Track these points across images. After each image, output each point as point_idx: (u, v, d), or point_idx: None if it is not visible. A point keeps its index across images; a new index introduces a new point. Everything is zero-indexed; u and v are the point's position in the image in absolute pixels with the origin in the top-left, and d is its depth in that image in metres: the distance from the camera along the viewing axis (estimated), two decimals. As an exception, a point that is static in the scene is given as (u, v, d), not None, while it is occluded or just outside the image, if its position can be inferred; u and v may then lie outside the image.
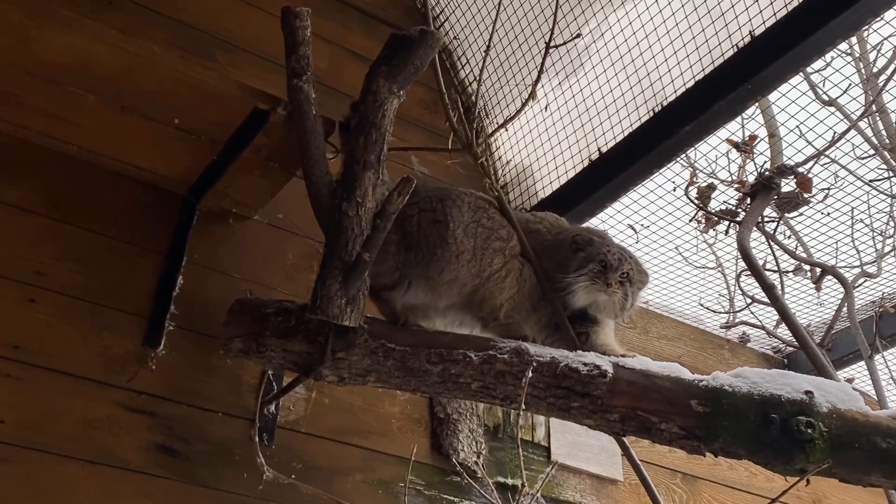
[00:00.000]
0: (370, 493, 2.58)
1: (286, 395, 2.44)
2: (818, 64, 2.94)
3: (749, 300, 3.14)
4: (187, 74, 2.19)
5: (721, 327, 3.72)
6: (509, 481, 2.81)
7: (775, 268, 3.01)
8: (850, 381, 3.96)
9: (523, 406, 2.05)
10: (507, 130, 3.20)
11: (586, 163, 2.98)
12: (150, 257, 2.53)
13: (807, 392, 2.00)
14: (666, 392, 2.07)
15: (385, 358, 2.17)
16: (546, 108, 3.06)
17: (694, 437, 2.04)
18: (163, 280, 2.51)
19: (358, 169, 2.14)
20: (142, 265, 2.51)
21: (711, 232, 3.09)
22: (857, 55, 3.11)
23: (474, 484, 2.53)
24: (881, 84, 2.90)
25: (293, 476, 2.42)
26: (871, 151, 3.09)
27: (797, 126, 2.83)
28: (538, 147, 3.20)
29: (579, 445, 3.06)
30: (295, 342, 2.17)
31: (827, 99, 3.05)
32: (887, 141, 3.09)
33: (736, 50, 2.44)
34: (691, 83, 2.58)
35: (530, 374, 2.04)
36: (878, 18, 2.46)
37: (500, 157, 3.34)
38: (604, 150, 2.90)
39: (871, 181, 2.98)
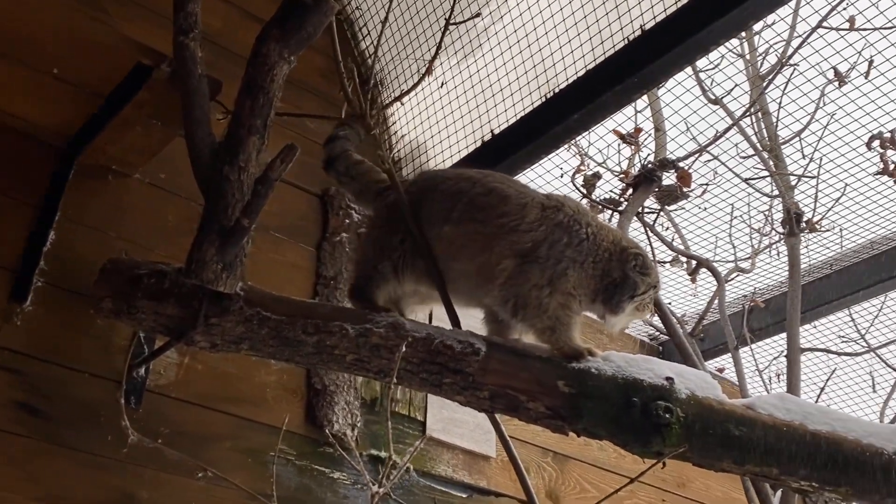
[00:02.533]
0: (239, 461, 2.57)
1: (157, 358, 2.39)
2: (708, 62, 3.05)
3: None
4: (67, 22, 2.11)
5: (600, 314, 3.81)
6: (383, 454, 2.84)
7: (653, 258, 3.11)
8: (720, 370, 4.13)
9: (395, 380, 2.06)
10: (403, 105, 3.19)
11: (479, 143, 3.00)
12: (21, 209, 2.43)
13: (668, 378, 2.07)
14: (536, 372, 2.11)
15: (260, 326, 2.14)
16: (442, 85, 3.07)
17: (559, 416, 2.09)
18: (34, 234, 2.42)
19: (243, 133, 2.10)
20: (12, 217, 2.41)
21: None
22: (746, 57, 3.22)
23: (346, 455, 2.54)
24: (764, 86, 3.01)
25: (160, 441, 2.38)
26: (752, 151, 3.22)
27: (681, 121, 2.90)
28: (434, 124, 3.20)
29: (455, 421, 3.10)
30: (167, 305, 2.12)
31: (713, 98, 3.16)
32: (767, 142, 3.21)
33: (626, 42, 2.49)
34: (583, 72, 2.63)
35: (404, 349, 2.05)
36: (762, 21, 2.54)
37: (396, 132, 3.33)
38: (497, 131, 2.93)
39: (747, 179, 3.10)
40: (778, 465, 2.00)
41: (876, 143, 2.96)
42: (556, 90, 2.73)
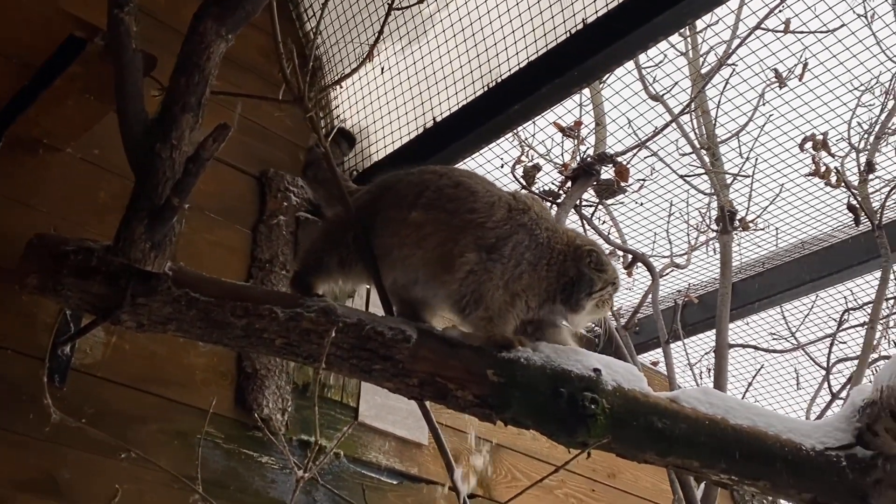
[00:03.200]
0: (166, 443, 2.53)
1: (83, 337, 2.34)
2: (649, 59, 3.08)
3: (565, 280, 3.25)
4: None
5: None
6: (313, 439, 2.82)
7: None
8: (654, 363, 4.19)
9: (324, 365, 2.05)
10: (345, 89, 3.17)
11: (421, 130, 3.00)
12: (-55, 181, 2.37)
13: (595, 370, 2.08)
14: (466, 361, 2.12)
15: (188, 308, 2.11)
16: (384, 71, 3.06)
17: (487, 405, 2.09)
18: (-42, 206, 2.36)
19: (176, 110, 2.07)
20: (-66, 188, 2.35)
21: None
22: (689, 55, 3.27)
23: (275, 440, 2.52)
24: (703, 84, 3.05)
25: (84, 420, 2.34)
26: (690, 149, 3.27)
27: (621, 116, 2.93)
28: (376, 110, 3.19)
29: (388, 408, 3.10)
30: (93, 283, 2.08)
31: (654, 94, 3.20)
32: (705, 140, 3.27)
33: (568, 35, 2.50)
34: (525, 63, 2.64)
35: (334, 334, 2.04)
36: (702, 20, 2.57)
37: (338, 116, 3.31)
38: (439, 119, 2.93)
39: (684, 176, 3.15)
40: (699, 458, 2.03)
41: (808, 144, 3.02)
42: (499, 80, 2.73)
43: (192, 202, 2.03)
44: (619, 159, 2.88)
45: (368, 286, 2.30)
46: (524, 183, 2.90)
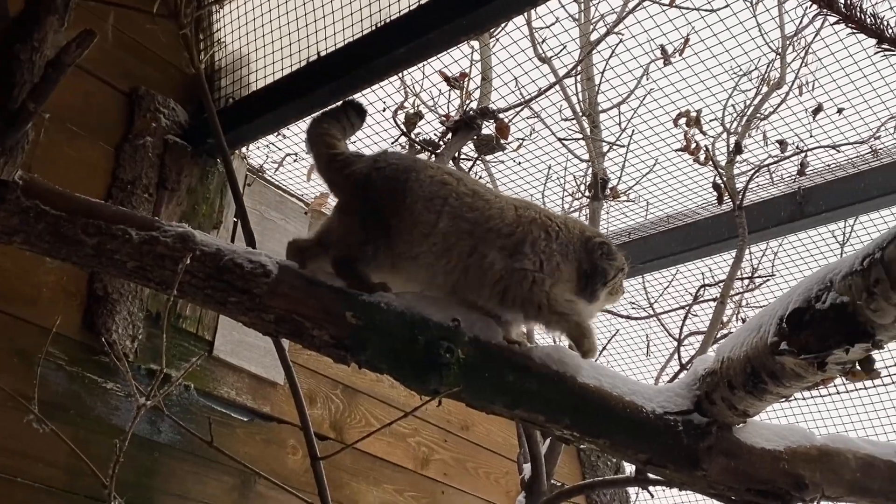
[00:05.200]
0: (5, 361, 2.42)
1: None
2: (539, 15, 3.08)
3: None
4: None
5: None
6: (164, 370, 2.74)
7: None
8: (518, 323, 4.25)
9: (176, 292, 1.98)
10: (227, 11, 3.04)
11: (303, 63, 2.91)
12: None
13: (454, 320, 2.09)
14: (325, 300, 2.08)
15: (37, 220, 2.00)
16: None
17: (343, 346, 2.07)
18: None
19: (40, 11, 1.95)
20: None
21: (413, 159, 3.15)
22: (580, 21, 3.28)
23: (120, 365, 2.43)
24: (590, 50, 3.08)
25: (-89, 331, 2.20)
26: (572, 115, 3.30)
27: (506, 72, 2.93)
28: (259, 37, 3.08)
29: (245, 345, 3.04)
30: (-66, 187, 1.95)
31: (542, 55, 3.20)
32: (587, 106, 3.30)
33: (460, -17, 2.46)
34: (416, 5, 2.59)
35: (188, 261, 1.97)
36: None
37: (219, 40, 3.18)
38: (323, 54, 2.85)
39: (562, 139, 3.18)
40: (545, 412, 2.06)
41: (682, 120, 3.10)
42: (388, 20, 2.67)
43: (53, 113, 1.91)
44: (502, 116, 2.87)
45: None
46: (404, 129, 2.86)
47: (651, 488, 2.35)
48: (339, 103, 2.20)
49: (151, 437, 2.80)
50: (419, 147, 2.91)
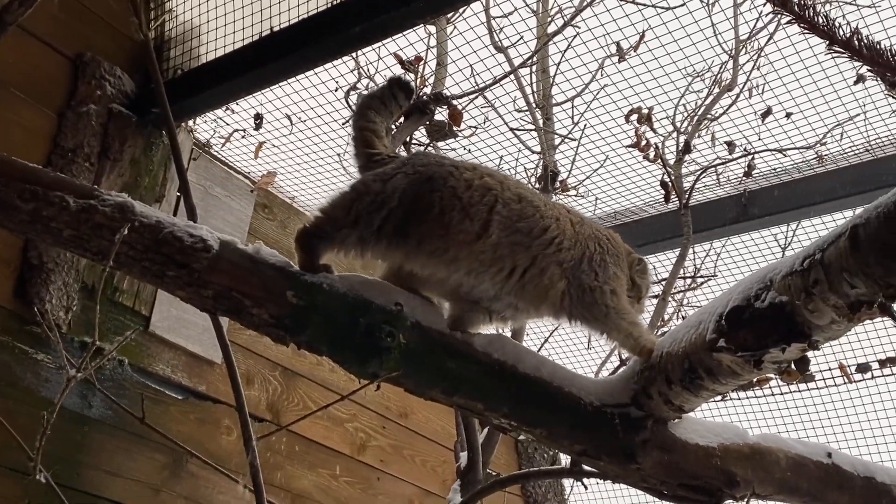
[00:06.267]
0: (-72, 327, 2.33)
1: None
2: (497, 2, 3.07)
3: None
4: None
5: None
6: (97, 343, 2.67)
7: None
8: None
9: (112, 263, 1.93)
10: (180, -20, 2.98)
11: (257, 37, 2.86)
12: None
13: (397, 304, 2.07)
14: (266, 279, 2.04)
15: (-32, 183, 1.93)
16: (226, -30, 2.89)
17: (282, 326, 2.03)
18: None
19: (-20, -35, 1.87)
20: None
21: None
22: (538, 12, 3.28)
23: (53, 337, 2.36)
24: (546, 41, 3.07)
25: None
26: (526, 107, 3.29)
27: (461, 58, 2.91)
28: (212, 9, 3.02)
29: (183, 322, 2.99)
30: None
31: (499, 45, 3.19)
32: (541, 99, 3.29)
33: (420, -36, 2.43)
34: (374, -15, 2.55)
35: (126, 232, 1.92)
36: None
37: (170, 9, 3.11)
38: (276, 29, 2.80)
39: (514, 129, 3.17)
40: (483, 400, 2.05)
41: (634, 117, 3.11)
42: (344, -1, 2.64)
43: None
44: (455, 103, 2.85)
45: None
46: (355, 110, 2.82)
47: (585, 480, 2.35)
48: (385, 83, 2.10)
49: (82, 411, 2.74)
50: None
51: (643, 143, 3.13)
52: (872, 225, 1.49)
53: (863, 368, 3.52)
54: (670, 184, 3.12)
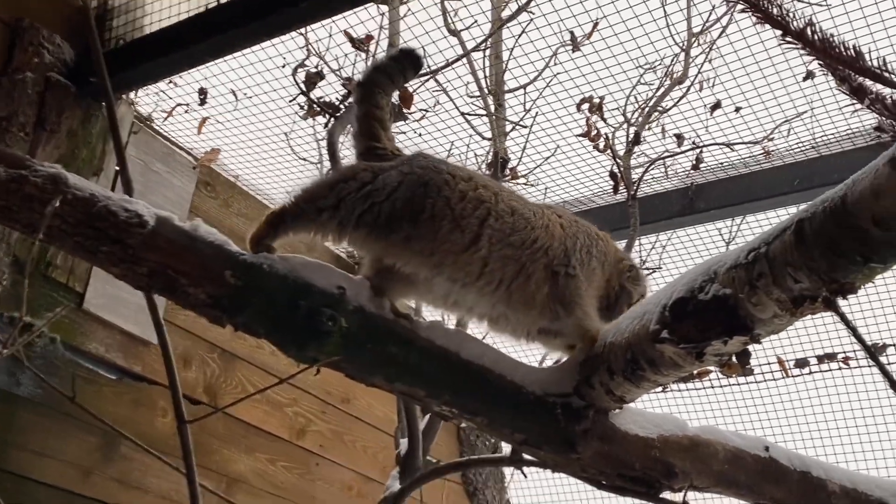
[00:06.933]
0: None
1: None
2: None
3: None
4: None
5: (303, 220, 3.72)
6: (26, 318, 2.58)
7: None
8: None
9: (42, 236, 1.85)
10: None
11: (203, 9, 2.78)
12: None
13: (340, 287, 2.02)
14: (204, 257, 1.98)
15: None
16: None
17: (219, 307, 1.98)
18: None
19: None
20: None
21: (311, 121, 3.06)
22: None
23: (-23, 312, 2.28)
24: (500, 26, 3.04)
25: None
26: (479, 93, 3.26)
27: (413, 38, 2.86)
28: (158, -21, 2.93)
29: (119, 300, 2.90)
30: None
31: (453, 28, 3.15)
32: (493, 85, 3.26)
33: (369, -60, 2.38)
34: (324, -40, 2.50)
35: (57, 204, 1.84)
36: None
37: (113, -24, 3.01)
38: (223, 1, 2.73)
39: (465, 113, 3.14)
40: (425, 387, 2.03)
41: (585, 106, 3.10)
42: (291, -28, 2.57)
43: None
44: (406, 85, 2.80)
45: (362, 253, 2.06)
46: (303, 89, 2.76)
47: (525, 469, 2.34)
48: (395, 54, 2.02)
49: (10, 389, 2.65)
50: (318, 108, 2.82)
51: (593, 132, 3.12)
52: (818, 219, 1.48)
53: (801, 364, 3.57)
54: (619, 175, 3.12)
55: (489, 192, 1.97)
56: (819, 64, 1.61)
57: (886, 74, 1.43)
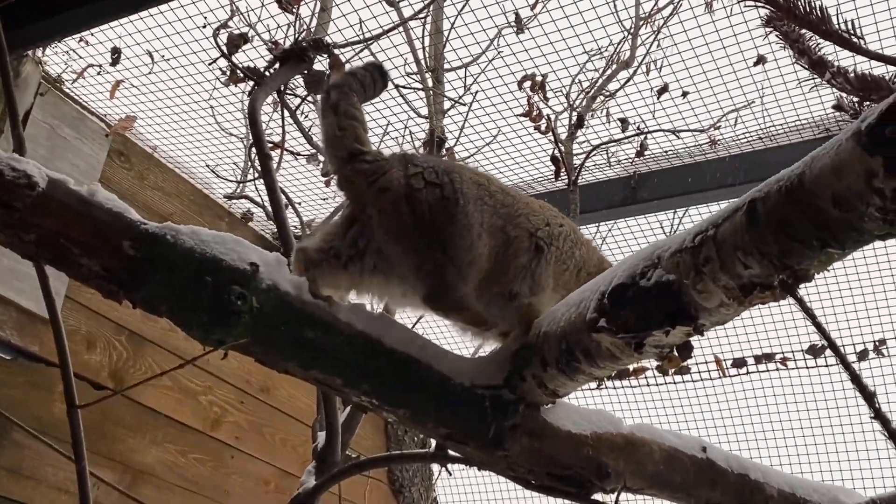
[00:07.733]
0: None
1: None
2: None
3: (257, 174, 2.99)
4: None
5: (225, 197, 3.53)
6: None
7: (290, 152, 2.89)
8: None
9: None
10: None
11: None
12: None
13: (252, 263, 1.85)
14: (100, 225, 1.79)
15: None
16: None
17: (115, 280, 1.79)
18: None
19: None
20: None
21: (235, 88, 2.86)
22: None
23: None
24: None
25: None
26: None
27: (345, 2, 2.68)
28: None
29: (17, 273, 2.67)
30: None
31: (390, -1, 2.98)
32: (432, 60, 3.11)
33: None
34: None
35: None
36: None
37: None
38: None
39: (399, 86, 2.97)
40: (343, 375, 1.87)
41: (527, 84, 2.97)
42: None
43: None
44: (337, 52, 2.62)
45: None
46: (225, 51, 2.56)
47: (451, 466, 2.20)
48: (366, 64, 1.90)
49: None
50: (241, 74, 2.62)
51: (535, 112, 2.98)
52: (773, 199, 1.37)
53: (738, 363, 3.51)
54: (561, 159, 2.99)
55: (484, 179, 1.92)
56: (777, 35, 1.50)
57: (854, 39, 1.31)
